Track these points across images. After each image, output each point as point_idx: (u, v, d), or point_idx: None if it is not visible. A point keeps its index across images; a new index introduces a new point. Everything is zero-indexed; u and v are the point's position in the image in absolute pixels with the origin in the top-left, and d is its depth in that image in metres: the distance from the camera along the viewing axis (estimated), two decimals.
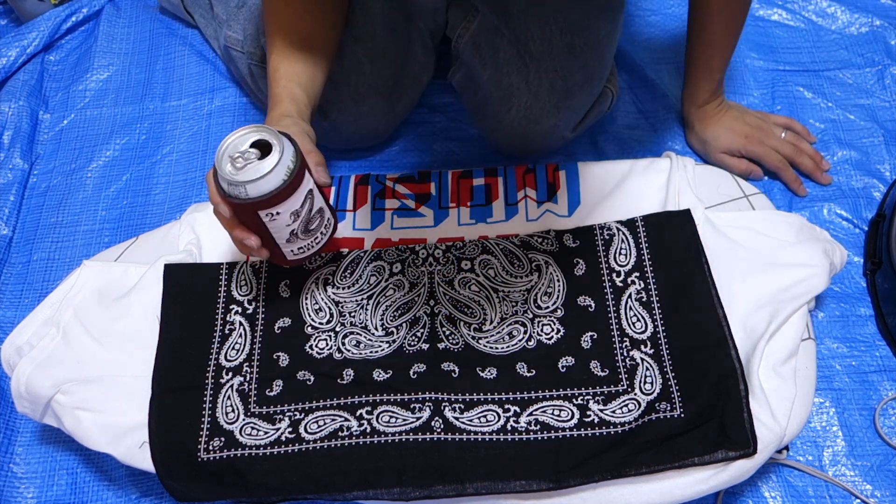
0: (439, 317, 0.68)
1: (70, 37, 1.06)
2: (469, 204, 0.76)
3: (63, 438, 0.73)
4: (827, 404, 0.71)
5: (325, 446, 0.61)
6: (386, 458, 0.60)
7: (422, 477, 0.59)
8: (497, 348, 0.66)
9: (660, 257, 0.68)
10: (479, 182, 0.78)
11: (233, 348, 0.67)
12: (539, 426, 0.61)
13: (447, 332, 0.67)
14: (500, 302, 0.69)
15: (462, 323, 0.68)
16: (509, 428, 0.61)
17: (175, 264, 0.70)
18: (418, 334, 0.67)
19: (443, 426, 0.61)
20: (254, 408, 0.64)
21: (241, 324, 0.69)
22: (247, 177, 0.54)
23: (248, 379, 0.66)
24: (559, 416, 0.62)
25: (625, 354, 0.64)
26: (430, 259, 0.72)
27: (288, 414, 0.63)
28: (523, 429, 0.61)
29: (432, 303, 0.69)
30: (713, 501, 0.66)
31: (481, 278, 0.70)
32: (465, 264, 0.71)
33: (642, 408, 0.61)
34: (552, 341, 0.66)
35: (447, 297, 0.69)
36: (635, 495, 0.58)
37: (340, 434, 0.61)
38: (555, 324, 0.67)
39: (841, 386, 0.71)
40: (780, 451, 0.66)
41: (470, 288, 0.70)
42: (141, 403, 0.63)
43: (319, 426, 0.62)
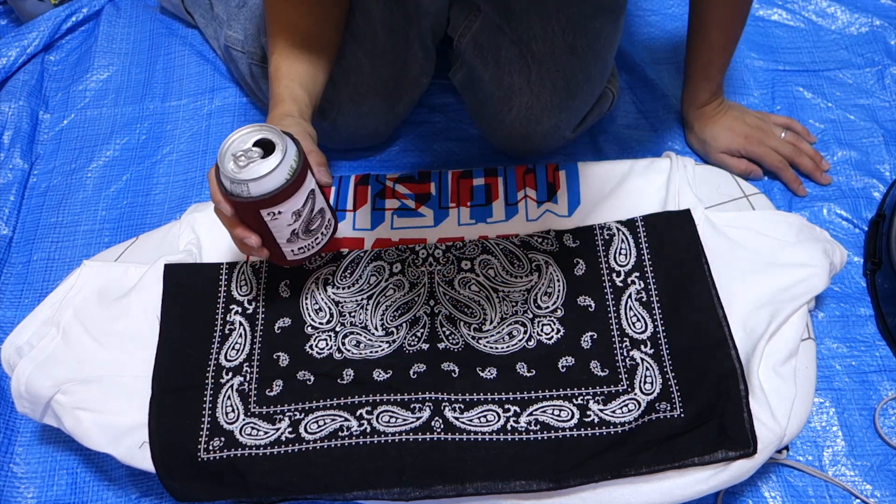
0: (439, 317, 0.68)
1: (70, 37, 1.06)
2: (469, 204, 0.76)
3: (63, 438, 0.73)
4: (827, 404, 0.71)
5: (325, 446, 0.61)
6: (386, 458, 0.60)
7: (422, 477, 0.59)
8: (497, 348, 0.66)
9: (660, 257, 0.68)
10: (479, 182, 0.78)
11: (233, 348, 0.67)
12: (539, 426, 0.61)
13: (447, 332, 0.67)
14: (500, 302, 0.69)
15: (462, 323, 0.68)
16: (509, 428, 0.61)
17: (175, 264, 0.70)
18: (418, 334, 0.67)
19: (443, 426, 0.61)
20: (254, 408, 0.64)
21: (241, 324, 0.69)
22: (249, 175, 0.54)
23: (248, 379, 0.66)
24: (559, 416, 0.62)
25: (625, 354, 0.64)
26: (430, 259, 0.72)
27: (288, 414, 0.63)
28: (523, 429, 0.61)
29: (432, 303, 0.69)
30: (713, 501, 0.66)
31: (481, 278, 0.70)
32: (465, 264, 0.71)
33: (642, 408, 0.61)
34: (552, 341, 0.66)
35: (447, 297, 0.69)
36: (635, 495, 0.58)
37: (340, 434, 0.61)
38: (555, 324, 0.67)
39: (841, 386, 0.71)
40: (780, 451, 0.66)
41: (470, 288, 0.70)
42: (141, 403, 0.63)
43: (319, 426, 0.62)
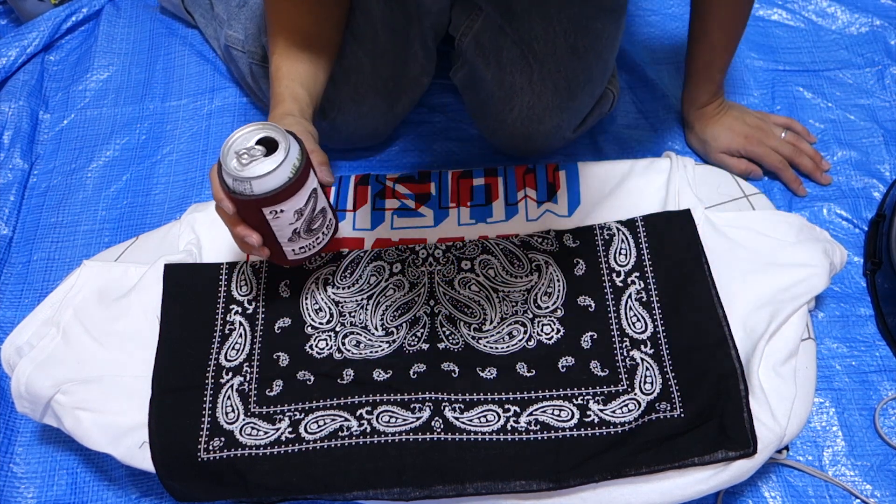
0: (439, 317, 0.68)
1: (70, 37, 1.06)
2: (469, 204, 0.76)
3: (63, 438, 0.73)
4: (827, 404, 0.71)
5: (325, 446, 0.61)
6: (386, 458, 0.60)
7: (422, 477, 0.59)
8: (497, 348, 0.66)
9: (660, 257, 0.68)
10: (479, 182, 0.78)
11: (233, 348, 0.67)
12: (539, 426, 0.61)
13: (447, 332, 0.67)
14: (500, 302, 0.69)
15: (462, 323, 0.68)
16: (509, 428, 0.61)
17: (175, 264, 0.70)
18: (418, 334, 0.67)
19: (443, 426, 0.61)
20: (254, 408, 0.64)
21: (241, 324, 0.69)
22: (252, 173, 0.54)
23: (248, 379, 0.66)
24: (559, 416, 0.62)
25: (625, 354, 0.64)
26: (430, 259, 0.72)
27: (288, 414, 0.63)
28: (523, 429, 0.61)
29: (432, 303, 0.69)
30: (713, 501, 0.66)
31: (481, 278, 0.70)
32: (465, 264, 0.71)
33: (642, 408, 0.61)
34: (552, 341, 0.66)
35: (447, 297, 0.69)
36: (635, 495, 0.58)
37: (340, 434, 0.61)
38: (555, 324, 0.67)
39: (841, 386, 0.71)
40: (780, 451, 0.66)
41: (470, 288, 0.70)
42: (141, 403, 0.63)
43: (319, 426, 0.62)
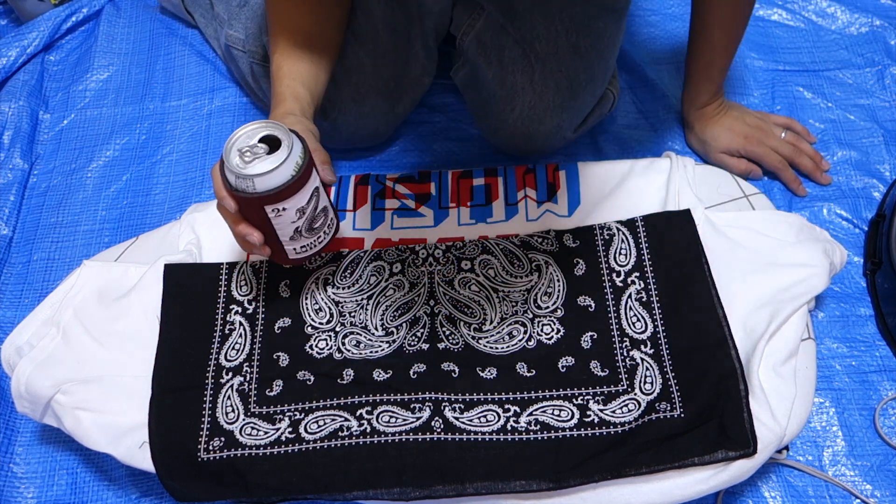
0: (439, 317, 0.68)
1: (70, 37, 1.06)
2: (469, 204, 0.76)
3: (63, 438, 0.73)
4: (827, 404, 0.71)
5: (325, 446, 0.61)
6: (386, 458, 0.60)
7: (422, 477, 0.59)
8: (497, 348, 0.66)
9: (660, 257, 0.68)
10: (479, 182, 0.78)
11: (233, 348, 0.67)
12: (539, 426, 0.61)
13: (447, 332, 0.67)
14: (500, 302, 0.69)
15: (462, 323, 0.68)
16: (509, 428, 0.61)
17: (175, 264, 0.70)
18: (418, 334, 0.67)
19: (443, 426, 0.61)
20: (254, 408, 0.64)
21: (241, 324, 0.69)
22: (255, 170, 0.54)
23: (248, 379, 0.66)
24: (559, 416, 0.62)
25: (625, 354, 0.64)
26: (430, 259, 0.72)
27: (288, 414, 0.63)
28: (523, 429, 0.61)
29: (432, 303, 0.69)
30: (713, 501, 0.66)
31: (481, 278, 0.70)
32: (465, 264, 0.71)
33: (642, 408, 0.61)
34: (552, 341, 0.66)
35: (447, 297, 0.69)
36: (635, 495, 0.58)
37: (340, 434, 0.61)
38: (555, 324, 0.67)
39: (841, 386, 0.71)
40: (780, 451, 0.66)
41: (470, 288, 0.70)
42: (141, 403, 0.63)
43: (319, 426, 0.62)
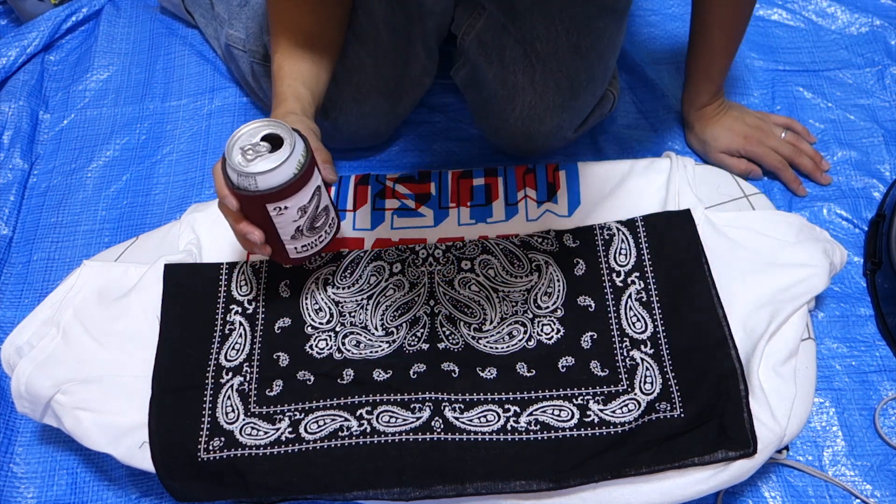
0: (439, 317, 0.68)
1: (70, 37, 1.06)
2: (469, 204, 0.76)
3: (63, 438, 0.73)
4: (827, 404, 0.71)
5: (325, 446, 0.61)
6: (386, 458, 0.60)
7: (422, 477, 0.59)
8: (497, 348, 0.66)
9: (660, 257, 0.68)
10: (479, 182, 0.78)
11: (233, 348, 0.67)
12: (539, 426, 0.61)
13: (447, 332, 0.67)
14: (500, 302, 0.69)
15: (462, 323, 0.68)
16: (509, 428, 0.61)
17: (175, 264, 0.70)
18: (418, 334, 0.67)
19: (443, 426, 0.61)
20: (254, 408, 0.64)
21: (241, 324, 0.69)
22: (257, 168, 0.54)
23: (248, 379, 0.66)
24: (559, 416, 0.62)
25: (625, 354, 0.64)
26: (430, 259, 0.72)
27: (288, 414, 0.63)
28: (523, 429, 0.61)
29: (432, 303, 0.69)
30: (713, 501, 0.66)
31: (481, 278, 0.70)
32: (465, 264, 0.71)
33: (642, 408, 0.61)
34: (552, 341, 0.66)
35: (447, 297, 0.69)
36: (635, 495, 0.58)
37: (340, 434, 0.61)
38: (555, 324, 0.67)
39: (841, 386, 0.71)
40: (780, 451, 0.66)
41: (470, 288, 0.70)
42: (141, 403, 0.63)
43: (319, 426, 0.62)
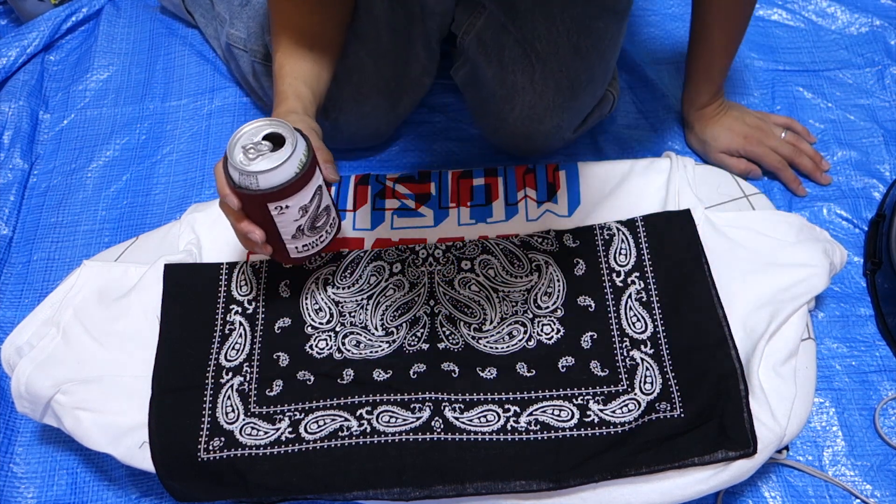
0: (439, 317, 0.68)
1: (70, 37, 1.06)
2: (469, 204, 0.76)
3: (63, 438, 0.73)
4: (827, 404, 0.71)
5: (325, 446, 0.61)
6: (386, 458, 0.60)
7: (422, 477, 0.59)
8: (497, 348, 0.66)
9: (660, 257, 0.68)
10: (479, 182, 0.78)
11: (233, 348, 0.67)
12: (539, 426, 0.61)
13: (447, 332, 0.67)
14: (500, 302, 0.69)
15: (462, 323, 0.68)
16: (509, 428, 0.61)
17: (175, 264, 0.70)
18: (418, 334, 0.67)
19: (443, 426, 0.61)
20: (254, 408, 0.64)
21: (241, 324, 0.69)
22: (259, 167, 0.54)
23: (248, 379, 0.66)
24: (559, 416, 0.62)
25: (625, 354, 0.64)
26: (430, 259, 0.72)
27: (288, 414, 0.63)
28: (523, 429, 0.61)
29: (432, 303, 0.69)
30: (713, 501, 0.66)
31: (481, 278, 0.70)
32: (465, 264, 0.71)
33: (642, 408, 0.61)
34: (552, 341, 0.66)
35: (447, 297, 0.69)
36: (635, 495, 0.58)
37: (340, 434, 0.61)
38: (555, 324, 0.67)
39: (841, 386, 0.71)
40: (780, 451, 0.66)
41: (470, 288, 0.70)
42: (141, 403, 0.63)
43: (319, 426, 0.62)
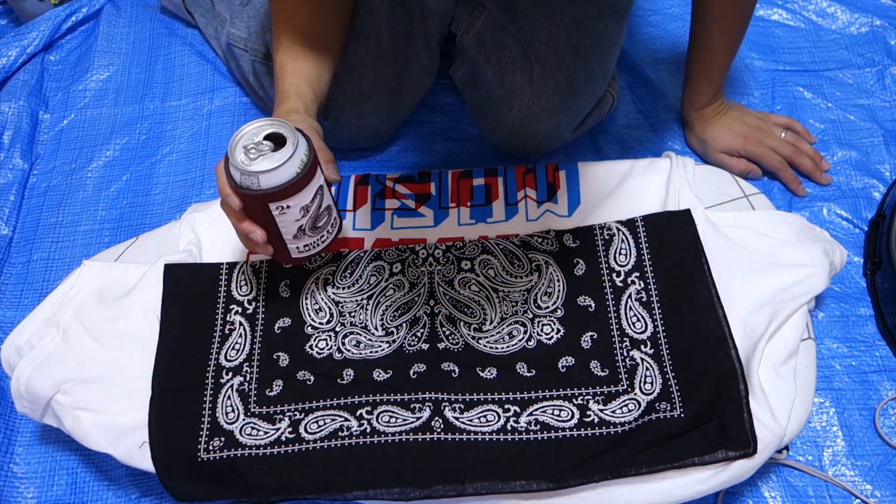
0: (439, 317, 0.68)
1: (70, 37, 1.06)
2: (469, 204, 0.76)
3: (63, 438, 0.73)
4: (827, 404, 0.71)
5: (325, 446, 0.61)
6: (386, 458, 0.60)
7: (422, 477, 0.59)
8: (497, 348, 0.66)
9: (660, 257, 0.68)
10: (479, 182, 0.78)
11: (233, 348, 0.67)
12: (539, 426, 0.61)
13: (447, 332, 0.67)
14: (500, 302, 0.69)
15: (462, 323, 0.68)
16: (509, 428, 0.61)
17: (175, 264, 0.70)
18: (418, 334, 0.67)
19: (443, 426, 0.61)
20: (254, 408, 0.64)
21: (241, 324, 0.69)
22: (260, 167, 0.54)
23: (248, 379, 0.66)
24: (559, 416, 0.62)
25: (625, 354, 0.64)
26: (430, 259, 0.72)
27: (288, 414, 0.63)
28: (523, 429, 0.61)
29: (432, 303, 0.69)
30: (713, 501, 0.66)
31: (481, 278, 0.70)
32: (465, 264, 0.71)
33: (642, 408, 0.61)
34: (552, 341, 0.66)
35: (447, 297, 0.69)
36: (635, 495, 0.58)
37: (340, 434, 0.61)
38: (555, 324, 0.67)
39: (841, 386, 0.71)
40: (780, 451, 0.66)
41: (470, 288, 0.70)
42: (141, 403, 0.63)
43: (319, 426, 0.62)
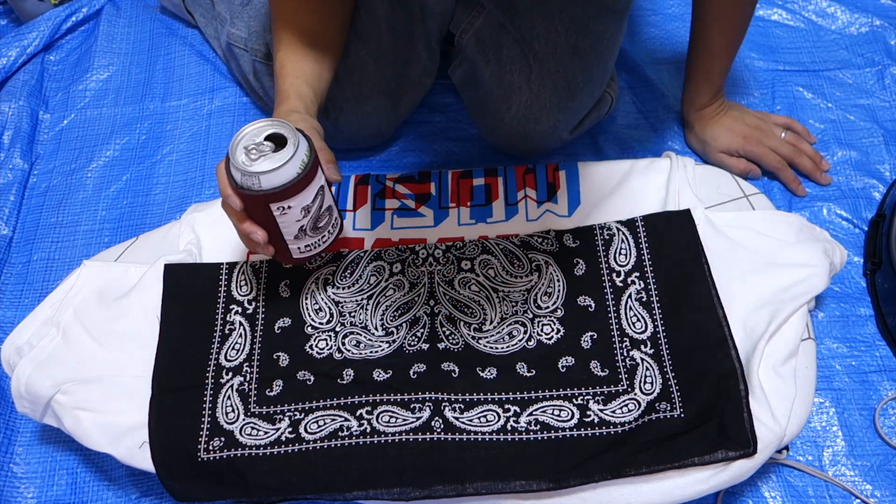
0: (439, 317, 0.68)
1: (70, 37, 1.06)
2: (469, 204, 0.76)
3: (63, 438, 0.73)
4: (827, 404, 0.71)
5: (325, 446, 0.61)
6: (386, 458, 0.60)
7: (422, 477, 0.59)
8: (497, 348, 0.66)
9: (660, 257, 0.68)
10: (479, 182, 0.78)
11: (233, 348, 0.67)
12: (539, 426, 0.61)
13: (447, 332, 0.67)
14: (500, 302, 0.69)
15: (462, 323, 0.68)
16: (509, 428, 0.61)
17: (175, 264, 0.70)
18: (418, 334, 0.67)
19: (443, 426, 0.61)
20: (254, 408, 0.64)
21: (241, 324, 0.69)
22: (261, 168, 0.54)
23: (248, 379, 0.66)
24: (559, 416, 0.62)
25: (625, 354, 0.64)
26: (430, 259, 0.72)
27: (288, 414, 0.63)
28: (523, 429, 0.61)
29: (432, 303, 0.69)
30: (713, 501, 0.66)
31: (481, 278, 0.70)
32: (465, 264, 0.71)
33: (642, 408, 0.61)
34: (552, 341, 0.66)
35: (447, 297, 0.69)
36: (635, 495, 0.58)
37: (340, 434, 0.61)
38: (555, 324, 0.67)
39: (841, 386, 0.71)
40: (780, 451, 0.66)
41: (470, 288, 0.70)
42: (141, 403, 0.63)
43: (319, 426, 0.62)
